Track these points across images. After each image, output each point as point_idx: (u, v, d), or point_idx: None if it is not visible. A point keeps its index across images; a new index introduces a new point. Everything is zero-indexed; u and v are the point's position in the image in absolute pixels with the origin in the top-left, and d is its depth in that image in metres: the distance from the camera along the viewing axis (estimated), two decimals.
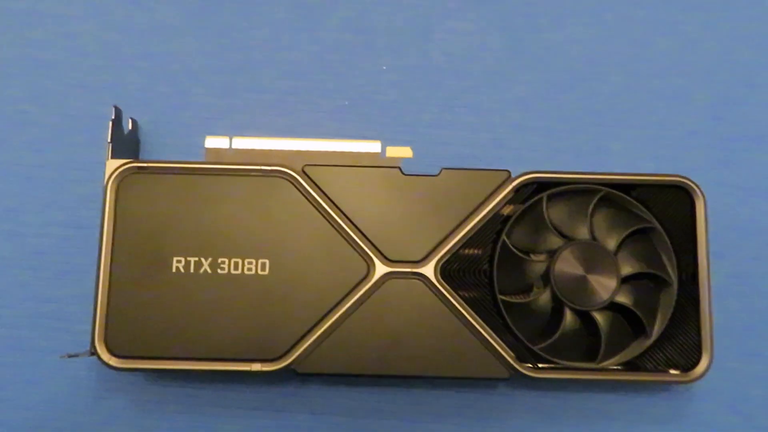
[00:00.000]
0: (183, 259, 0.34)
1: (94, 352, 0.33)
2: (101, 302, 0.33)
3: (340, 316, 0.34)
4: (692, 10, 0.41)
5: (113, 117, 0.36)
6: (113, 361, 0.33)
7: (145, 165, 0.35)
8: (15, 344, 0.37)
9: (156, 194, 0.34)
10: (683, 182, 0.35)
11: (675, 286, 0.35)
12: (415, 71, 0.40)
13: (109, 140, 0.35)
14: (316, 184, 0.35)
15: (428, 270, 0.34)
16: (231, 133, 0.36)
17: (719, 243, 0.37)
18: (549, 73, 0.40)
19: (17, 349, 0.37)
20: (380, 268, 0.34)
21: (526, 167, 0.35)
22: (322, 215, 0.34)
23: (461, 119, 0.40)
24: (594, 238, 0.35)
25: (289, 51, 0.40)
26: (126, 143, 0.37)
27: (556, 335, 0.34)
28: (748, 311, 0.38)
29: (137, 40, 0.40)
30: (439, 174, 0.35)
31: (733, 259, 0.38)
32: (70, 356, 0.33)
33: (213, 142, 0.35)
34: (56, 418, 0.36)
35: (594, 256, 0.34)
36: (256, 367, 0.33)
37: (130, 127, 0.38)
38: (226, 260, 0.34)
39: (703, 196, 0.35)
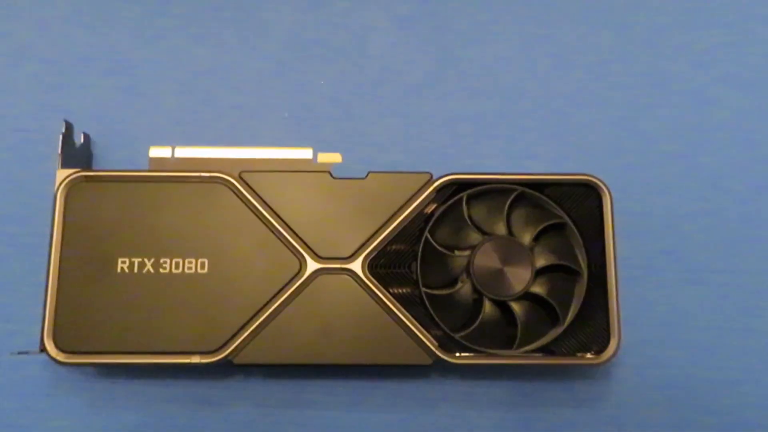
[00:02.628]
0: (128, 260, 0.36)
1: (43, 349, 0.35)
2: (50, 301, 0.36)
3: (274, 310, 0.36)
4: (604, 26, 0.45)
5: (63, 130, 0.38)
6: (61, 357, 0.35)
7: (92, 174, 0.37)
8: None
9: (103, 201, 0.37)
10: (591, 180, 0.38)
11: (585, 276, 0.37)
12: (351, 85, 0.43)
13: (59, 151, 0.38)
14: (252, 189, 0.37)
15: (356, 266, 0.37)
16: (177, 145, 0.39)
17: (631, 236, 0.40)
18: (474, 84, 0.43)
19: None
20: (311, 265, 0.37)
21: (451, 172, 0.38)
22: (258, 217, 0.37)
23: (392, 128, 0.43)
24: (511, 233, 0.38)
25: (233, 68, 0.43)
26: (77, 155, 0.40)
27: (476, 324, 0.36)
28: (658, 299, 0.40)
29: (90, 60, 0.43)
30: (366, 177, 0.37)
31: (643, 250, 0.41)
32: (20, 353, 0.36)
33: (156, 152, 0.38)
34: (8, 418, 0.38)
35: (511, 250, 0.37)
36: (196, 359, 0.36)
37: (82, 140, 0.40)
38: (168, 260, 0.36)
39: (609, 193, 0.37)
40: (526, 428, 0.38)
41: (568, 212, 0.38)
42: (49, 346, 0.35)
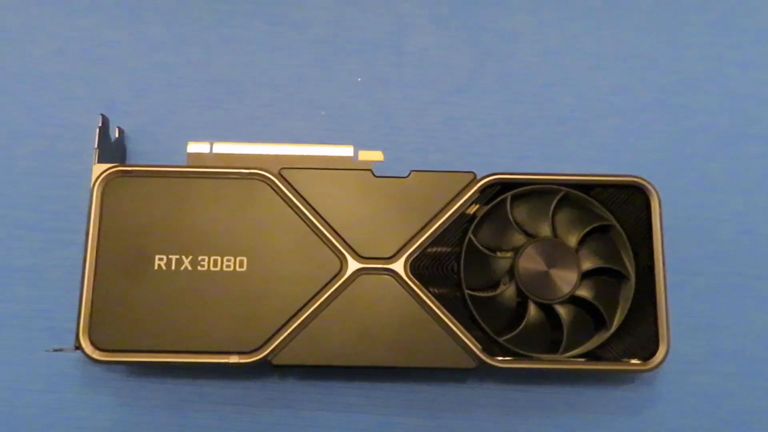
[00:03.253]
0: (165, 257, 0.36)
1: (78, 346, 0.35)
2: (86, 298, 0.35)
3: (314, 311, 0.35)
4: (647, 27, 0.44)
5: (100, 124, 0.38)
6: (96, 354, 0.35)
7: (129, 169, 0.37)
8: (2, 344, 0.38)
9: (140, 196, 0.36)
10: (639, 182, 0.37)
11: (633, 280, 0.36)
12: (388, 83, 0.43)
13: (96, 146, 0.37)
14: (292, 186, 0.36)
15: (398, 266, 0.36)
16: (214, 141, 0.38)
17: (676, 241, 0.39)
18: (515, 84, 0.43)
19: (4, 349, 0.38)
20: (352, 265, 0.36)
21: (492, 172, 0.37)
22: (298, 215, 0.36)
23: (431, 127, 0.42)
24: (556, 235, 0.37)
25: (269, 65, 0.43)
26: (113, 150, 0.39)
27: (520, 328, 0.36)
28: (701, 304, 0.39)
29: (125, 55, 0.43)
30: (408, 176, 0.37)
31: (690, 255, 0.40)
32: (55, 350, 0.35)
33: (195, 147, 0.37)
34: (41, 416, 0.37)
35: (556, 253, 0.36)
36: (234, 359, 0.35)
37: (116, 135, 0.40)
38: (206, 258, 0.36)
39: (658, 195, 0.37)
40: None
41: (614, 214, 0.37)
42: (85, 344, 0.35)
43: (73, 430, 0.37)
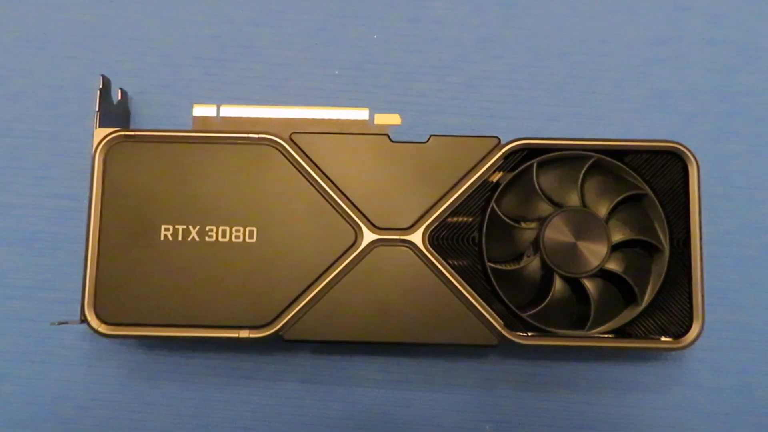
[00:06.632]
0: (171, 227, 0.34)
1: (84, 320, 0.33)
2: (90, 270, 0.33)
3: (327, 284, 0.33)
4: None
5: (101, 86, 0.36)
6: (102, 328, 0.33)
7: (132, 133, 0.35)
8: (7, 315, 0.37)
9: (144, 162, 0.34)
10: (676, 148, 0.34)
11: (666, 253, 0.34)
12: (407, 41, 0.40)
13: (96, 109, 0.35)
14: (303, 152, 0.34)
15: (416, 237, 0.34)
16: (221, 103, 0.36)
17: (712, 210, 0.37)
18: (541, 42, 0.40)
19: (9, 320, 0.37)
20: (368, 236, 0.34)
21: (517, 136, 0.35)
22: (310, 183, 0.34)
23: (452, 88, 0.39)
24: (585, 205, 0.34)
25: (279, 22, 0.40)
26: (115, 113, 0.37)
27: (545, 302, 0.34)
28: (739, 279, 0.37)
29: (127, 12, 0.40)
30: (427, 141, 0.34)
31: (727, 226, 0.37)
32: (60, 323, 0.34)
33: (201, 110, 0.35)
34: (48, 387, 0.37)
35: (584, 223, 0.34)
36: (244, 334, 0.33)
37: (119, 97, 0.38)
38: (214, 228, 0.34)
39: (696, 162, 0.34)
40: (590, 412, 0.36)
41: (648, 182, 0.35)
42: (90, 318, 0.33)
43: (83, 403, 0.36)
